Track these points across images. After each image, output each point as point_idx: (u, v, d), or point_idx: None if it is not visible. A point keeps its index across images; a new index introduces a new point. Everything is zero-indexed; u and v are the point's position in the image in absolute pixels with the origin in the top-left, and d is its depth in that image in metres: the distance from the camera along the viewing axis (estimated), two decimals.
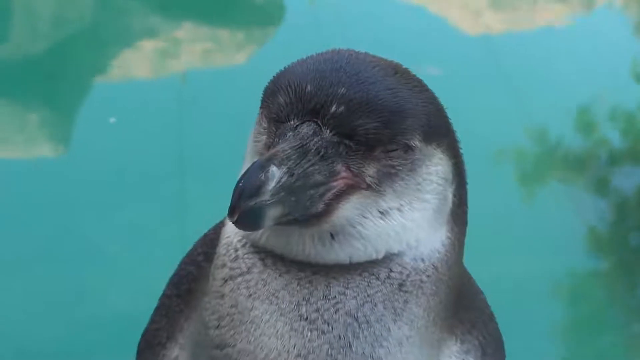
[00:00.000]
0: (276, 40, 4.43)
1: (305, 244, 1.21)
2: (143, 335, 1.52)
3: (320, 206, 1.15)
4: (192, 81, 3.96)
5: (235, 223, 1.10)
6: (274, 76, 1.24)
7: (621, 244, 3.38)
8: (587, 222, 3.31)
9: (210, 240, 1.43)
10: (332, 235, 1.20)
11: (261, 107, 1.24)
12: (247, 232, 1.27)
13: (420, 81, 1.27)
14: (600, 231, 3.35)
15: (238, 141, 1.40)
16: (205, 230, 1.51)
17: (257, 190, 1.09)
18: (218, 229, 1.41)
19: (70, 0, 4.66)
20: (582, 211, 3.34)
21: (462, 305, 1.38)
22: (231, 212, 1.09)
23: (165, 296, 1.49)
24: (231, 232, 1.32)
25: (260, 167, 1.10)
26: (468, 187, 1.37)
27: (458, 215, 1.33)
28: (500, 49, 4.29)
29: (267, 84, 1.24)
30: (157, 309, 1.51)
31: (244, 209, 1.08)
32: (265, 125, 1.23)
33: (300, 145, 1.14)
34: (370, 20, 4.44)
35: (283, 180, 1.10)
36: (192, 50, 4.25)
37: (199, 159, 3.42)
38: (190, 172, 3.36)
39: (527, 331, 2.66)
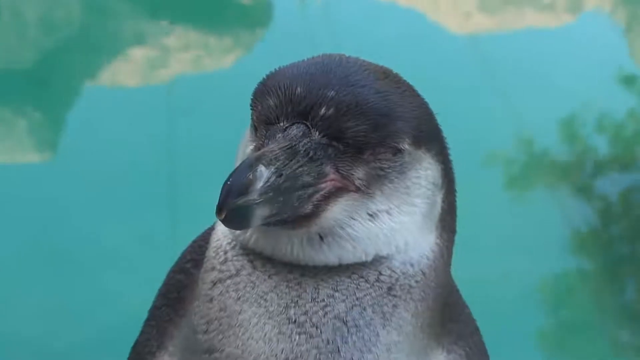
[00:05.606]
0: (264, 42, 4.43)
1: (294, 246, 1.21)
2: (133, 347, 1.50)
3: (309, 207, 1.15)
4: (180, 86, 3.96)
5: (223, 221, 1.10)
6: (263, 78, 1.23)
7: (606, 248, 3.39)
8: (572, 225, 3.32)
9: (199, 247, 1.41)
10: (320, 237, 1.20)
11: (251, 109, 1.23)
12: (237, 234, 1.27)
13: (410, 86, 1.27)
14: (585, 235, 3.36)
15: (228, 145, 1.39)
16: (195, 235, 1.49)
17: (245, 189, 1.09)
18: (206, 236, 1.39)
19: (60, 6, 4.65)
20: (567, 215, 3.35)
21: (449, 316, 1.37)
22: (219, 210, 1.09)
23: (154, 307, 1.47)
24: (221, 235, 1.32)
25: (249, 166, 1.10)
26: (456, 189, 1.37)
27: (447, 222, 1.33)
28: (488, 52, 4.30)
29: (256, 85, 1.23)
30: (146, 320, 1.49)
31: (232, 207, 1.08)
32: (255, 127, 1.22)
33: (289, 146, 1.14)
34: (360, 21, 4.46)
35: (271, 180, 1.10)
36: (180, 56, 4.25)
37: (188, 164, 3.42)
38: (180, 176, 3.36)
39: (511, 335, 2.67)
